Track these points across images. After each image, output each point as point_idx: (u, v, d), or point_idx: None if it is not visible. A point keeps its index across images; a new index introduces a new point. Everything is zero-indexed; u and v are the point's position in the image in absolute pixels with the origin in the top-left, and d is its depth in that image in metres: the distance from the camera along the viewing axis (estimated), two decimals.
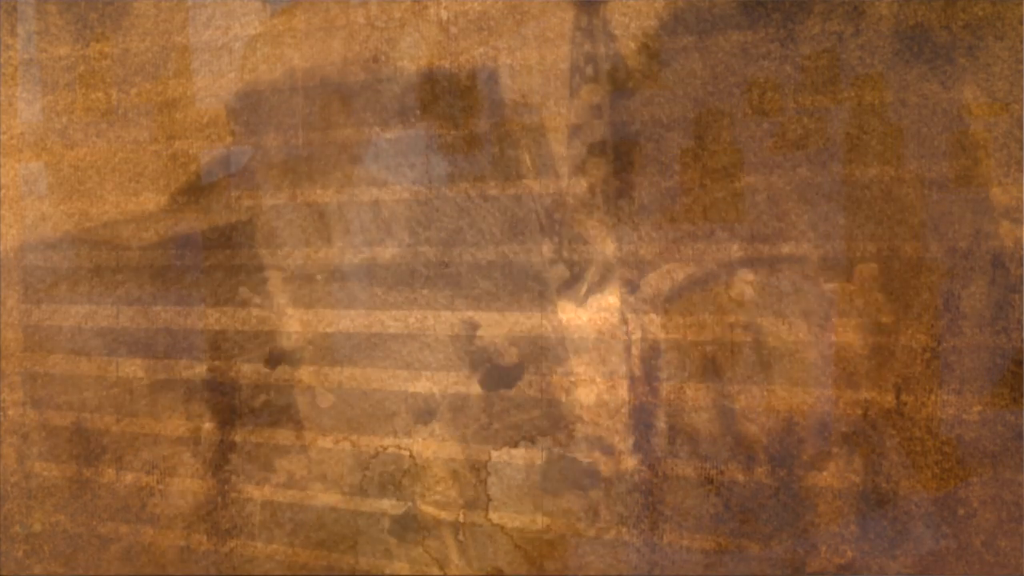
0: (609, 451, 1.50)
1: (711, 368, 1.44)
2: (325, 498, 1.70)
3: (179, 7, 1.79)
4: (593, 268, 1.50)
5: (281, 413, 1.73)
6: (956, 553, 1.33)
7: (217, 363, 1.78)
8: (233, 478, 1.77)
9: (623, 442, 1.49)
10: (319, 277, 1.69)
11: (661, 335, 1.47)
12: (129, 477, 1.86)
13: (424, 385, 1.62)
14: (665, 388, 1.46)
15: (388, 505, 1.65)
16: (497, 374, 1.57)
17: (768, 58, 1.39)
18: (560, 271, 1.52)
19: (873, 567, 1.36)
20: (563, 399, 1.53)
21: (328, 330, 1.69)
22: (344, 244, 1.67)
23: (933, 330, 1.33)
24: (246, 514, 1.76)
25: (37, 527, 1.95)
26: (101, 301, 1.87)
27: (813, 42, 1.37)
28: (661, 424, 1.47)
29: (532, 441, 1.55)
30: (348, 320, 1.67)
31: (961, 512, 1.32)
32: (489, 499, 1.58)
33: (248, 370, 1.75)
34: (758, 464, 1.42)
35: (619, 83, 1.47)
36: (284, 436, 1.73)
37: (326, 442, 1.69)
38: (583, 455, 1.52)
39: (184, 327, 1.80)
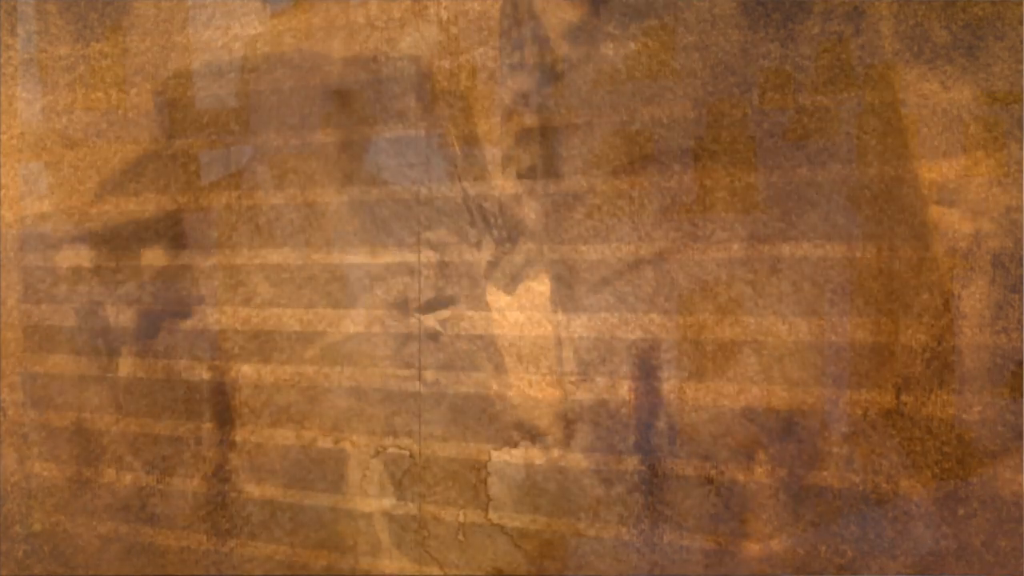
0: (609, 451, 1.50)
1: (711, 368, 1.44)
2: (325, 498, 1.70)
3: (179, 7, 1.79)
4: (586, 264, 1.50)
5: (281, 413, 1.73)
6: (956, 553, 1.33)
7: (217, 363, 1.78)
8: (233, 478, 1.77)
9: (623, 442, 1.49)
10: (320, 277, 1.69)
11: (661, 334, 1.47)
12: (129, 477, 1.86)
13: (425, 384, 1.62)
14: (665, 388, 1.46)
15: (388, 505, 1.65)
16: (497, 373, 1.57)
17: (768, 58, 1.39)
18: (556, 267, 1.52)
19: (873, 567, 1.36)
20: (563, 398, 1.53)
21: (328, 329, 1.69)
22: (344, 244, 1.67)
23: (933, 330, 1.33)
24: (246, 514, 1.76)
25: (37, 527, 1.95)
26: (101, 301, 1.87)
27: (813, 42, 1.37)
28: (661, 424, 1.47)
29: (532, 441, 1.55)
30: (348, 319, 1.67)
31: (961, 512, 1.32)
32: (489, 499, 1.58)
33: (248, 370, 1.75)
34: (758, 464, 1.42)
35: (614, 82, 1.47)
36: (284, 436, 1.73)
37: (326, 442, 1.69)
38: (583, 455, 1.52)
39: (184, 327, 1.80)
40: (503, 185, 1.55)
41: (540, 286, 1.53)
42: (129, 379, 1.85)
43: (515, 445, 1.56)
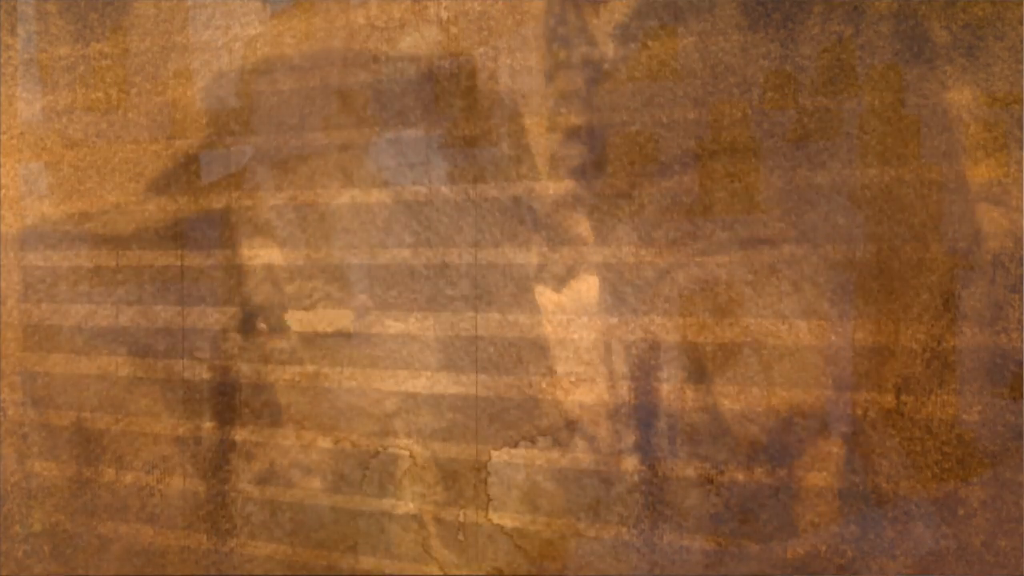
0: (609, 451, 1.50)
1: (711, 368, 1.44)
2: (325, 498, 1.70)
3: (179, 7, 1.79)
4: (586, 266, 1.50)
5: (281, 413, 1.73)
6: (956, 553, 1.33)
7: (217, 363, 1.78)
8: (233, 478, 1.77)
9: (623, 442, 1.49)
10: (319, 277, 1.69)
11: (661, 335, 1.47)
12: (129, 477, 1.86)
13: (424, 385, 1.62)
14: (665, 388, 1.46)
15: (388, 505, 1.65)
16: (498, 374, 1.57)
17: (768, 58, 1.39)
18: (556, 269, 1.52)
19: (873, 567, 1.36)
20: (563, 399, 1.53)
21: (328, 330, 1.69)
22: (344, 244, 1.67)
23: (933, 330, 1.33)
24: (246, 514, 1.76)
25: (37, 527, 1.96)
26: (101, 301, 1.87)
27: (813, 42, 1.37)
28: (661, 424, 1.47)
29: (532, 441, 1.55)
30: (348, 320, 1.67)
31: (961, 512, 1.32)
32: (489, 499, 1.58)
33: (248, 370, 1.75)
34: (758, 464, 1.42)
35: (608, 80, 1.47)
36: (284, 436, 1.73)
37: (326, 442, 1.69)
38: (583, 455, 1.52)
39: (184, 327, 1.80)
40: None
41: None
42: (129, 379, 1.85)
43: (515, 445, 1.56)
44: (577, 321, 1.51)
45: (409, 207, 1.62)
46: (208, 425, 1.79)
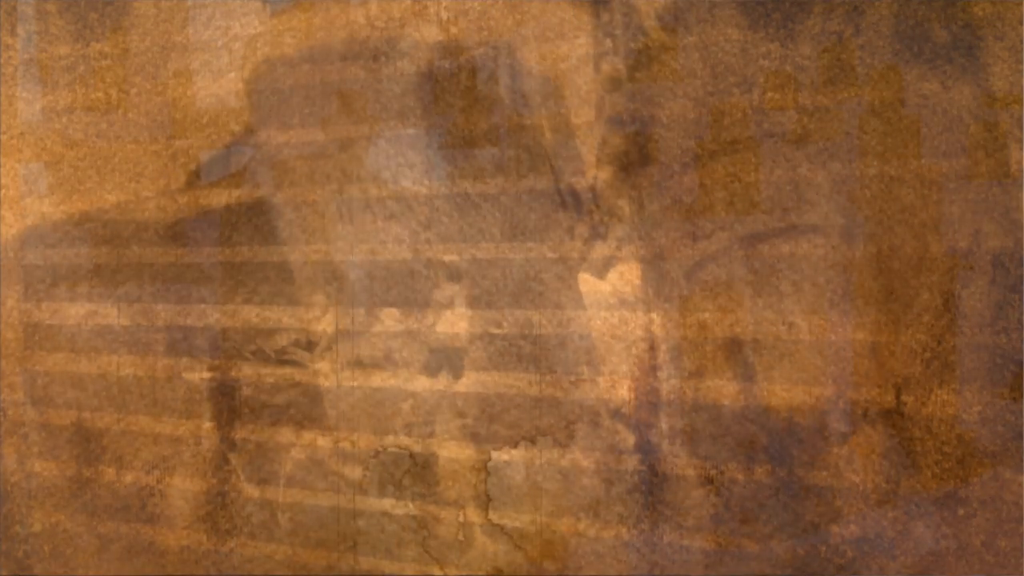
0: (609, 451, 1.50)
1: (711, 368, 1.44)
2: (325, 498, 1.70)
3: (179, 7, 1.80)
4: (590, 266, 1.50)
5: (281, 413, 1.73)
6: (956, 553, 1.33)
7: (217, 362, 1.78)
8: (233, 478, 1.77)
9: (623, 442, 1.49)
10: (319, 277, 1.69)
11: (661, 334, 1.47)
12: (129, 477, 1.86)
13: (424, 384, 1.62)
14: (665, 388, 1.46)
15: (388, 505, 1.65)
16: (496, 373, 1.57)
17: (767, 57, 1.39)
18: (558, 268, 1.52)
19: (873, 567, 1.36)
20: (563, 398, 1.53)
21: (328, 329, 1.69)
22: (344, 243, 1.67)
23: (933, 330, 1.33)
24: (246, 514, 1.76)
25: (37, 527, 1.96)
26: (101, 300, 1.87)
27: (813, 42, 1.37)
28: (661, 424, 1.47)
29: (532, 441, 1.55)
30: (347, 319, 1.67)
31: (961, 512, 1.32)
32: (489, 499, 1.58)
33: (248, 370, 1.75)
34: (758, 464, 1.42)
35: (627, 79, 1.48)
36: (284, 435, 1.73)
37: (326, 441, 1.69)
38: (583, 455, 1.52)
39: (185, 326, 1.80)
40: (502, 183, 1.55)
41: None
42: (129, 378, 1.85)
43: (515, 445, 1.56)
44: (576, 319, 1.51)
45: (408, 206, 1.62)
46: (208, 425, 1.79)
